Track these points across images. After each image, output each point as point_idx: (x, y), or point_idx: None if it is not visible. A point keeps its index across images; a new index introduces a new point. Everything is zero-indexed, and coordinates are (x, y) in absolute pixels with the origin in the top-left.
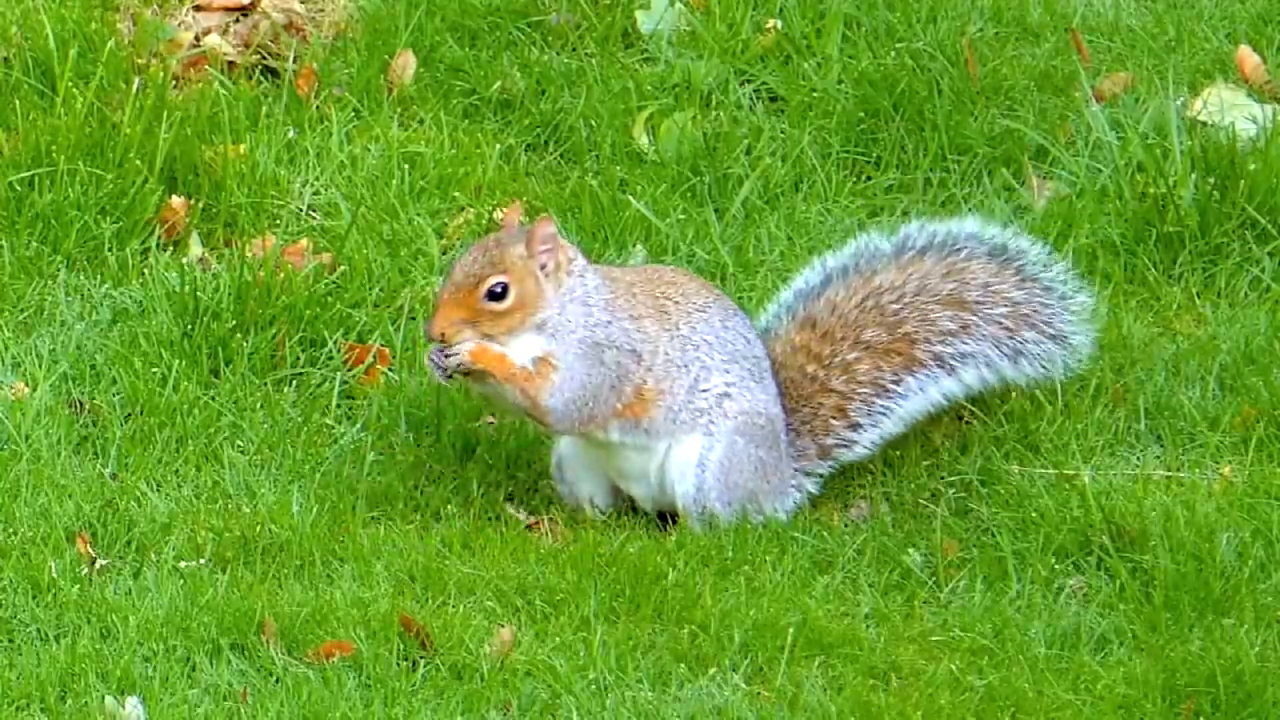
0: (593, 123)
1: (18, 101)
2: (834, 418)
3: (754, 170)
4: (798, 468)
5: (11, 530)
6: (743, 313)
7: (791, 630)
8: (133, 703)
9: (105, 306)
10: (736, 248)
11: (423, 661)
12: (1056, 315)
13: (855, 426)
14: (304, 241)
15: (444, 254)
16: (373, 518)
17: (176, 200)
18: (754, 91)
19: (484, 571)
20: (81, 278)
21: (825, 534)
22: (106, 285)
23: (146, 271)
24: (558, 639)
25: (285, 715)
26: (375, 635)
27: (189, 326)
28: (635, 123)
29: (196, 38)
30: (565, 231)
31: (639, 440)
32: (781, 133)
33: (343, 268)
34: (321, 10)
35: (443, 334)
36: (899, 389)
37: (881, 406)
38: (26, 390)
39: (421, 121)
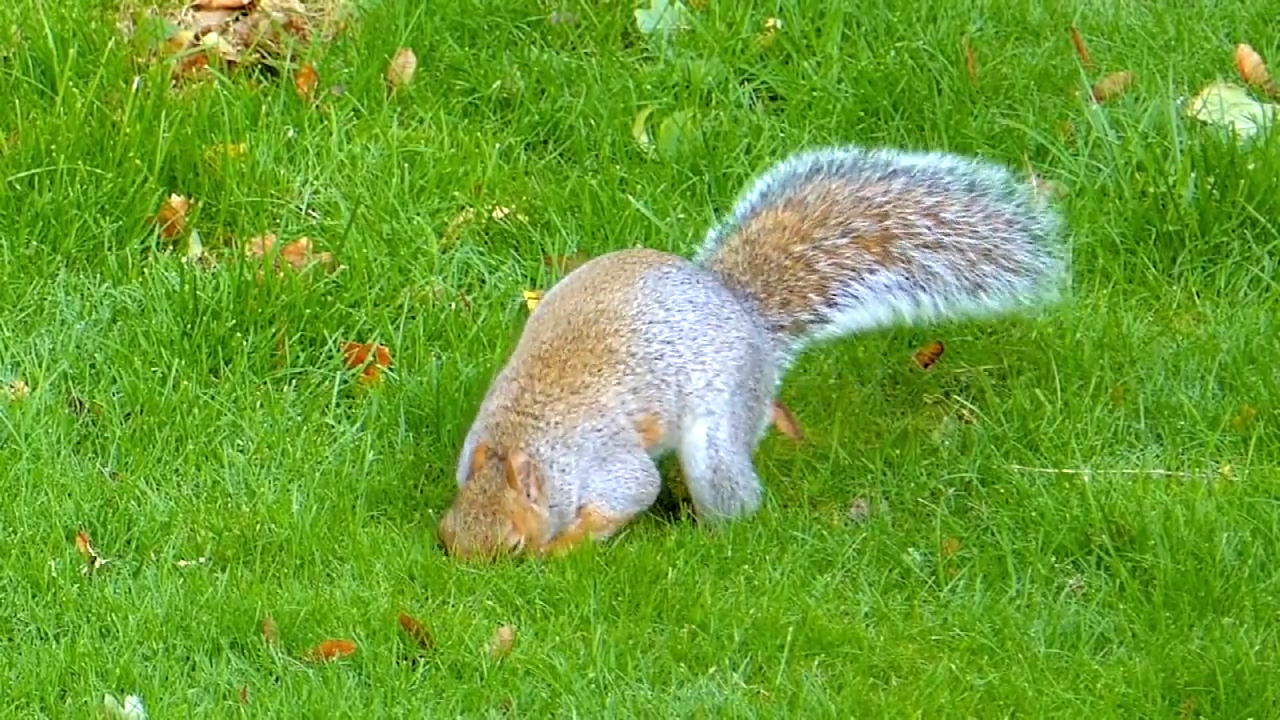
0: (592, 122)
1: (17, 101)
2: (814, 293)
3: (754, 169)
4: (775, 338)
5: (11, 529)
6: (676, 267)
7: (791, 629)
8: (132, 702)
9: (105, 306)
10: None
11: (422, 660)
12: (1018, 247)
13: (833, 304)
14: (304, 240)
15: (444, 253)
16: (372, 517)
17: (176, 199)
18: (754, 91)
19: (484, 571)
20: (81, 277)
21: (825, 533)
22: (106, 284)
23: (146, 271)
24: (557, 638)
25: (285, 714)
26: (375, 634)
27: (189, 326)
28: (635, 122)
29: (196, 37)
30: (565, 232)
31: (659, 454)
32: (781, 132)
33: (342, 267)
34: (321, 9)
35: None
36: (872, 278)
37: (856, 291)
38: (26, 389)
39: (421, 120)
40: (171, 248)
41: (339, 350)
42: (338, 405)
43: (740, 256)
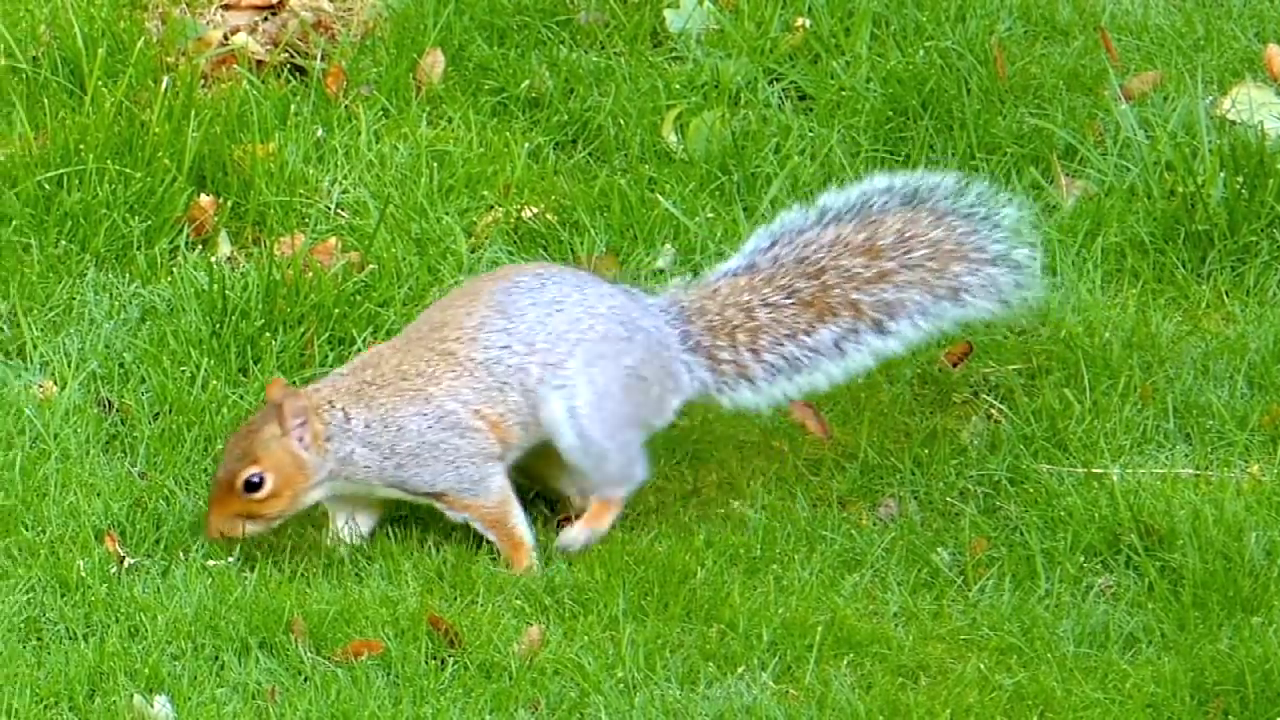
0: (621, 121)
1: (46, 100)
2: (742, 336)
3: (782, 169)
4: (684, 360)
5: (40, 529)
6: (532, 275)
7: (820, 629)
8: (161, 701)
9: (134, 305)
10: None
11: (451, 660)
12: (986, 239)
13: (756, 353)
14: (332, 240)
15: (472, 252)
16: (401, 516)
17: (205, 199)
18: (782, 90)
19: (510, 570)
20: (110, 276)
21: (854, 533)
22: (135, 284)
23: (175, 270)
24: (586, 637)
25: (314, 714)
26: (404, 634)
27: (218, 325)
28: (664, 121)
29: (225, 36)
30: (594, 232)
31: (521, 452)
32: (810, 131)
33: (371, 266)
34: (350, 9)
35: (221, 533)
36: (810, 340)
37: (792, 353)
38: (55, 389)
39: (450, 120)
40: (200, 247)
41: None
42: None
43: (694, 292)
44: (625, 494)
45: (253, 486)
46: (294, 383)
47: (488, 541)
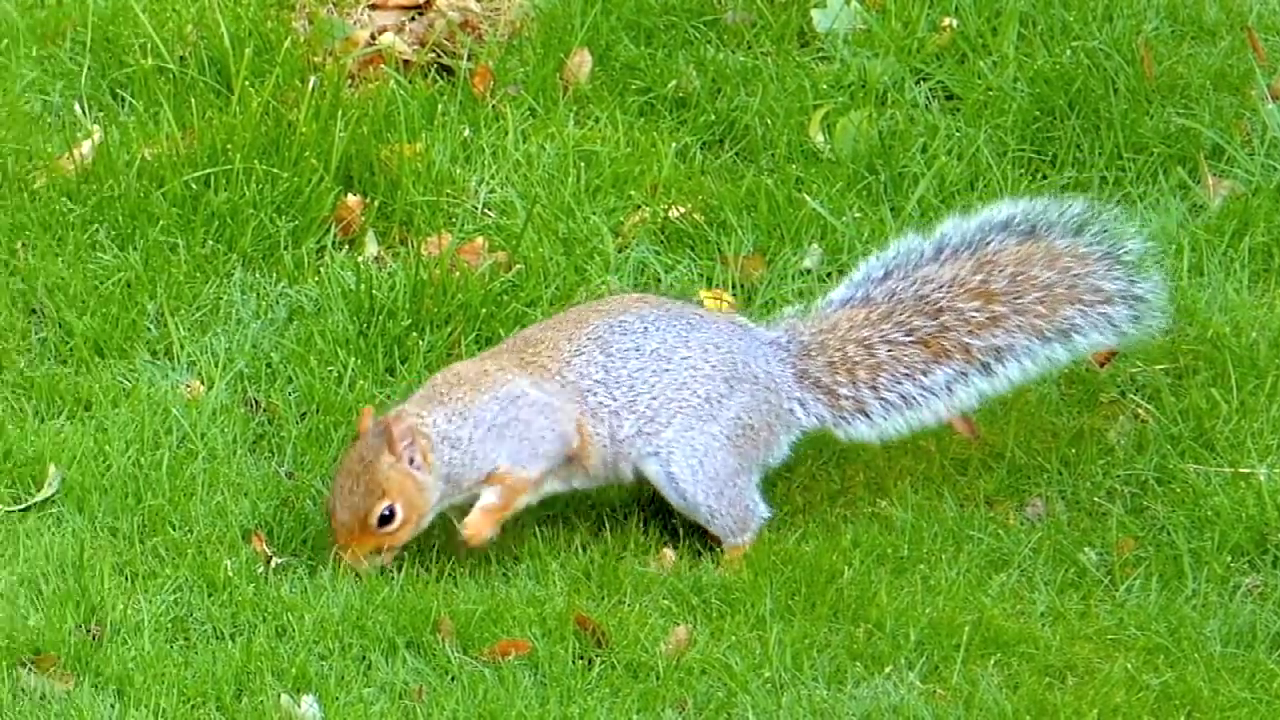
0: (768, 121)
1: (194, 100)
2: (862, 373)
3: (929, 169)
4: (798, 397)
5: (187, 529)
6: (638, 316)
7: (967, 628)
8: (308, 701)
9: (281, 305)
10: None
11: (598, 660)
12: (1103, 278)
13: (875, 390)
14: (479, 240)
15: (619, 252)
16: (548, 516)
17: (352, 199)
18: (929, 90)
19: (659, 570)
20: (257, 276)
21: (1001, 532)
22: (282, 284)
23: (322, 270)
24: (733, 637)
25: (461, 713)
26: (551, 633)
27: (364, 325)
28: (811, 121)
29: (372, 36)
30: (741, 232)
31: (586, 485)
32: (957, 131)
33: (518, 266)
34: (497, 9)
35: (357, 574)
36: (926, 380)
37: (909, 391)
38: (202, 389)
39: (597, 120)
40: (347, 247)
41: None
42: None
43: (811, 324)
44: (749, 539)
45: (386, 520)
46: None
47: (634, 541)
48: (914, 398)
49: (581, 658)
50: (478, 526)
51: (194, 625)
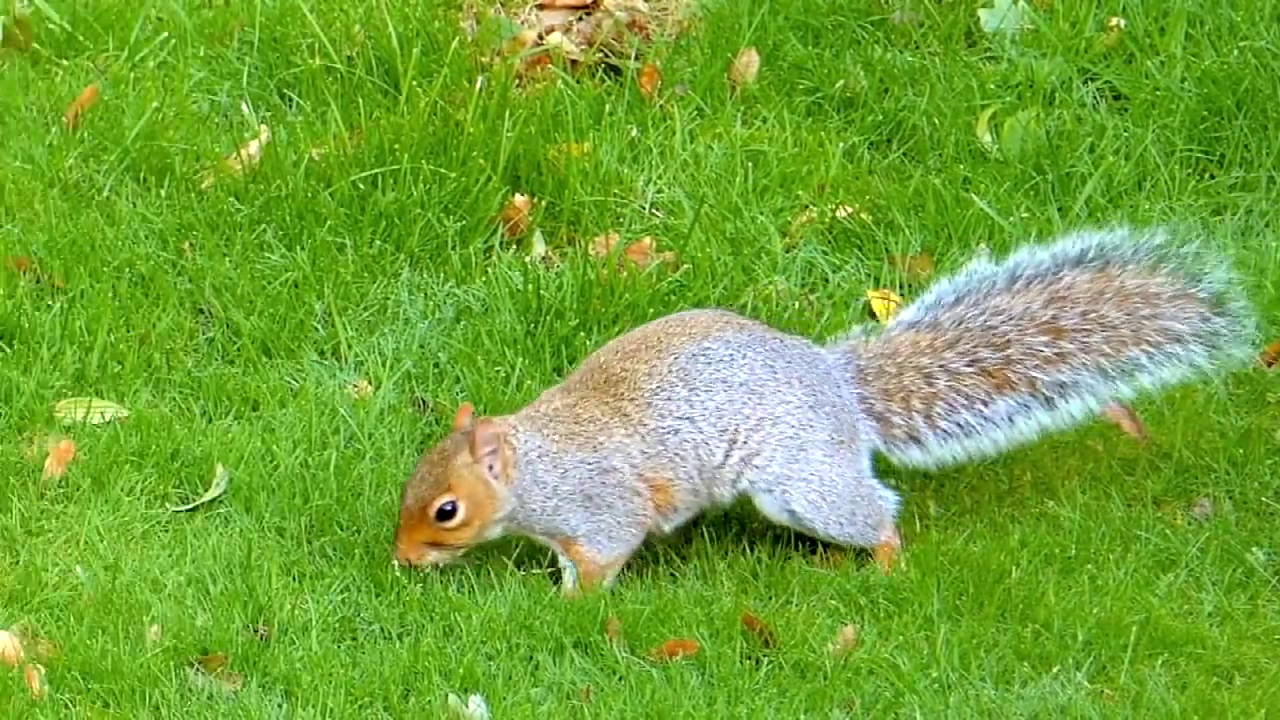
0: (936, 121)
1: (361, 100)
2: (917, 402)
3: (1097, 169)
4: (862, 422)
5: (355, 529)
6: (723, 342)
7: (1135, 628)
8: (475, 701)
9: (448, 305)
10: None
11: (765, 660)
12: (1172, 319)
13: (930, 420)
14: (647, 239)
15: (787, 252)
16: (715, 516)
17: (520, 199)
18: (1097, 90)
19: (827, 570)
20: (424, 276)
21: (1168, 532)
22: (449, 284)
23: (490, 270)
24: (901, 637)
25: (629, 713)
26: (718, 634)
27: (532, 325)
28: (978, 121)
29: (540, 36)
30: (908, 232)
31: (688, 515)
32: (1124, 131)
33: (686, 266)
34: (664, 9)
35: (409, 561)
36: (986, 410)
37: (966, 420)
38: (370, 389)
39: (764, 120)
40: (515, 247)
41: None
42: None
43: (873, 347)
44: (888, 535)
45: (445, 514)
46: (480, 411)
47: (803, 541)
48: (972, 427)
49: (749, 658)
50: (571, 595)
51: (361, 625)
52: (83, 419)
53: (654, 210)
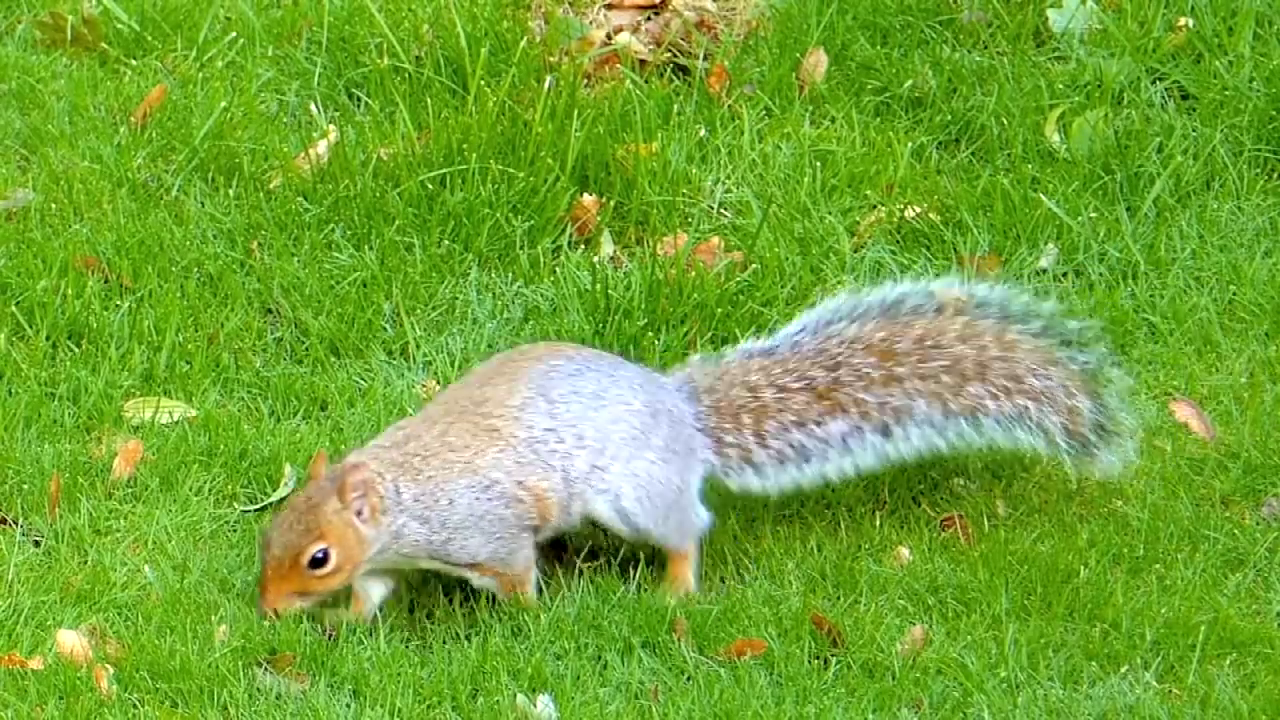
0: (1004, 121)
1: (429, 100)
2: (746, 417)
3: (1165, 169)
4: (699, 439)
5: None
6: (566, 358)
7: (1203, 628)
8: (544, 700)
9: (517, 304)
10: (1148, 246)
11: (834, 660)
12: (1029, 373)
13: (761, 438)
14: (715, 240)
15: (855, 252)
16: (783, 515)
17: (588, 199)
18: (1165, 90)
19: (895, 570)
20: (493, 276)
21: (1236, 532)
22: (518, 283)
23: (558, 270)
24: (969, 637)
25: (696, 713)
26: (786, 633)
27: (600, 324)
28: (1047, 121)
29: (608, 36)
30: (976, 232)
31: (568, 526)
32: (1193, 131)
33: (754, 266)
34: (733, 9)
35: (275, 610)
36: (819, 430)
37: (800, 441)
38: (438, 389)
39: (833, 120)
40: (583, 247)
41: None
42: None
43: (709, 369)
44: (690, 547)
45: (318, 563)
46: (333, 455)
47: (870, 540)
48: (807, 449)
49: (817, 657)
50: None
51: (429, 626)
52: (151, 419)
53: (722, 210)
